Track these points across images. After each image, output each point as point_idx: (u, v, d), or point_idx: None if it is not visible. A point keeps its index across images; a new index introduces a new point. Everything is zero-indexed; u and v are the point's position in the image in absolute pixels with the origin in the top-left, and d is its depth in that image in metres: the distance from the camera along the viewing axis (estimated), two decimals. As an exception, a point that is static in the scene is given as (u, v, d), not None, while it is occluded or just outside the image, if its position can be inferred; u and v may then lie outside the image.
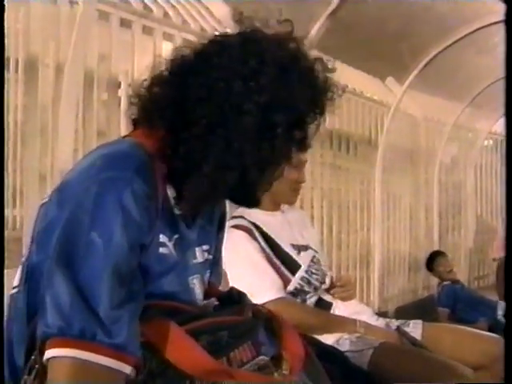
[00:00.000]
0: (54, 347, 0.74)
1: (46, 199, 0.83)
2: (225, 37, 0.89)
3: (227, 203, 1.05)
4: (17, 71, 2.30)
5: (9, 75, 2.28)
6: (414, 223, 4.49)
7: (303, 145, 0.90)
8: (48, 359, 0.75)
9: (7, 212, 2.52)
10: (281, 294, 1.54)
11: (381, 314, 1.98)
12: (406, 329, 1.67)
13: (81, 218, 0.77)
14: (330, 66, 0.88)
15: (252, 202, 0.94)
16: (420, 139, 4.62)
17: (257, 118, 0.82)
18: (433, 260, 4.09)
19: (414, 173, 4.54)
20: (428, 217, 4.70)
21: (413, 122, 4.48)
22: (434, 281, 4.69)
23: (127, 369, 0.75)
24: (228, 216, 1.10)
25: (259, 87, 0.82)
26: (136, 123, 0.90)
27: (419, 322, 1.70)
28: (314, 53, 0.91)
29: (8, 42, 1.99)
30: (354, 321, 1.55)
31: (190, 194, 0.85)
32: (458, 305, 3.76)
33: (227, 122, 0.82)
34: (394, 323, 1.69)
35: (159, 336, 0.79)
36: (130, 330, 0.76)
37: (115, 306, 0.75)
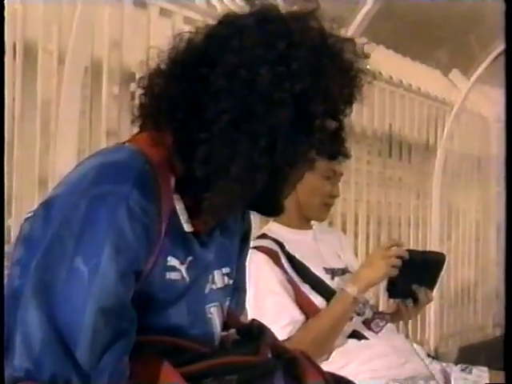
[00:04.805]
0: None
1: (31, 214, 0.83)
2: (237, 16, 0.88)
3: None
4: (14, 58, 2.34)
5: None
6: (482, 245, 4.42)
7: (338, 137, 0.90)
8: None
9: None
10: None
11: (438, 356, 1.96)
12: (468, 376, 1.65)
13: (65, 239, 0.77)
14: (359, 47, 0.88)
15: (276, 209, 0.92)
16: (491, 144, 4.55)
17: (290, 110, 0.82)
18: None
19: (483, 184, 4.47)
20: (500, 238, 4.62)
21: (482, 123, 4.42)
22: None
23: None
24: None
25: (291, 73, 0.82)
26: (141, 125, 0.90)
27: (485, 369, 1.68)
28: (360, 40, 0.92)
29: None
30: (344, 294, 1.56)
31: (213, 202, 0.84)
32: None
33: (253, 115, 0.81)
34: (453, 368, 1.68)
35: (150, 378, 0.79)
36: (114, 375, 0.76)
37: (97, 348, 0.75)
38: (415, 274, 1.58)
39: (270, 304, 1.56)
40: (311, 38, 0.84)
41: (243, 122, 0.82)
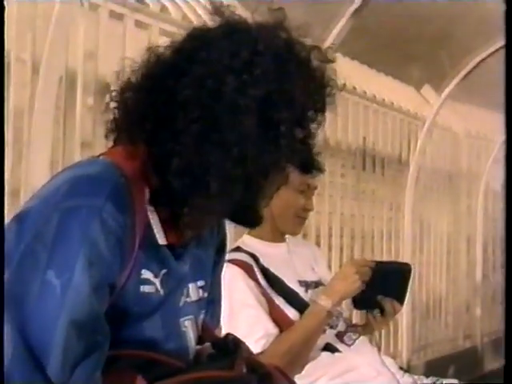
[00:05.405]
0: None
1: (4, 227, 0.82)
2: (206, 29, 0.89)
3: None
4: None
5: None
6: (453, 258, 4.47)
7: (307, 145, 0.91)
8: None
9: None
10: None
11: (410, 368, 1.97)
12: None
13: (38, 252, 0.77)
14: (328, 56, 0.89)
15: (254, 219, 0.92)
16: (461, 159, 4.62)
17: (256, 116, 0.82)
18: None
19: (454, 198, 4.53)
20: (470, 251, 4.68)
21: (453, 138, 4.49)
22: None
23: None
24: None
25: (254, 79, 0.82)
26: (115, 139, 0.91)
27: (455, 382, 1.69)
28: (334, 55, 0.93)
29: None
30: (317, 307, 1.55)
31: (193, 218, 0.84)
32: None
33: (222, 124, 0.82)
34: (424, 381, 1.69)
35: None
36: None
37: (69, 362, 0.75)
38: (379, 285, 1.58)
39: (245, 317, 1.56)
40: (277, 46, 0.85)
41: (212, 131, 0.82)
